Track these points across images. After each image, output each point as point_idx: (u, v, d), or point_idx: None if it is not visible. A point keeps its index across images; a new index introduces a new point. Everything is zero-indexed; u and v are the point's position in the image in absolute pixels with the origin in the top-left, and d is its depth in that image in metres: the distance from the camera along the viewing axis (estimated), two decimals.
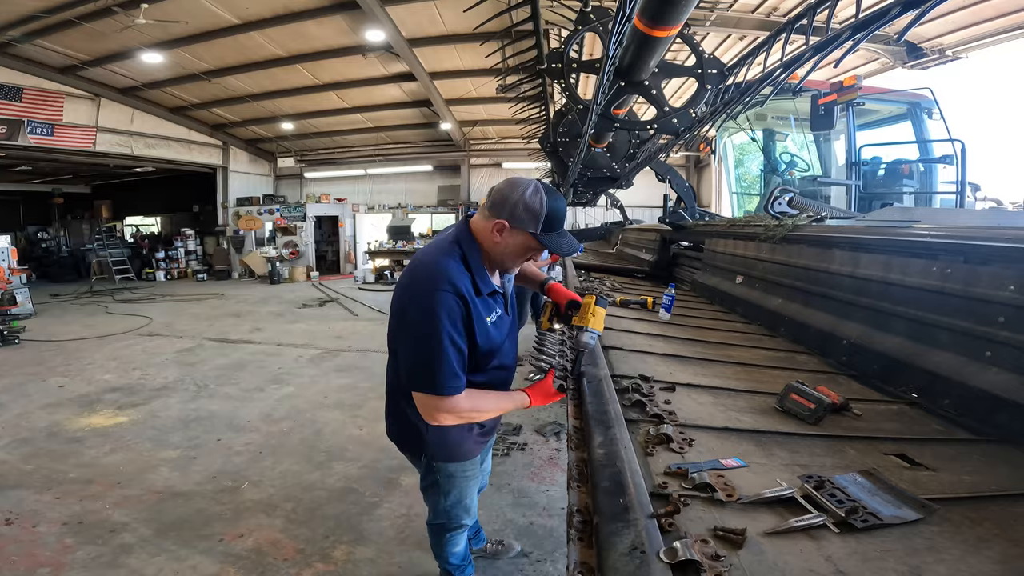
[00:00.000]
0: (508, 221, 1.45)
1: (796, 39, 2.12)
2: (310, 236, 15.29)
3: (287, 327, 8.16)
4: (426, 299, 1.39)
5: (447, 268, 1.42)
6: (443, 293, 1.38)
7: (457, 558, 2.08)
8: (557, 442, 3.79)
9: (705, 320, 2.92)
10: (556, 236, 1.48)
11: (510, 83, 6.02)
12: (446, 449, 1.71)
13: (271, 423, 4.24)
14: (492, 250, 1.50)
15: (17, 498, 3.09)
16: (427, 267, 1.46)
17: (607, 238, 9.19)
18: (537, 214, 1.44)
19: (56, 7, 7.59)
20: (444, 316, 1.37)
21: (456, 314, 1.40)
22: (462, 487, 1.82)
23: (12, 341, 7.06)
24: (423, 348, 1.39)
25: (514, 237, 1.47)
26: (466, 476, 1.81)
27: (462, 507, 1.88)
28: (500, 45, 5.46)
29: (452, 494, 1.82)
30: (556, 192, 1.50)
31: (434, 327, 1.37)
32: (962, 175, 4.63)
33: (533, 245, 1.49)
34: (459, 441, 1.70)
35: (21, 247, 12.81)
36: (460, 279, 1.42)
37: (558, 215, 1.47)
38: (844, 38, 1.74)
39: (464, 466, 1.79)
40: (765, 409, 1.50)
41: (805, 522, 0.87)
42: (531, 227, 1.45)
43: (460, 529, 1.97)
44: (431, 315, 1.37)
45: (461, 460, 1.76)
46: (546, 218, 1.45)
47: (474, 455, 1.79)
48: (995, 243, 1.56)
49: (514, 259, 1.54)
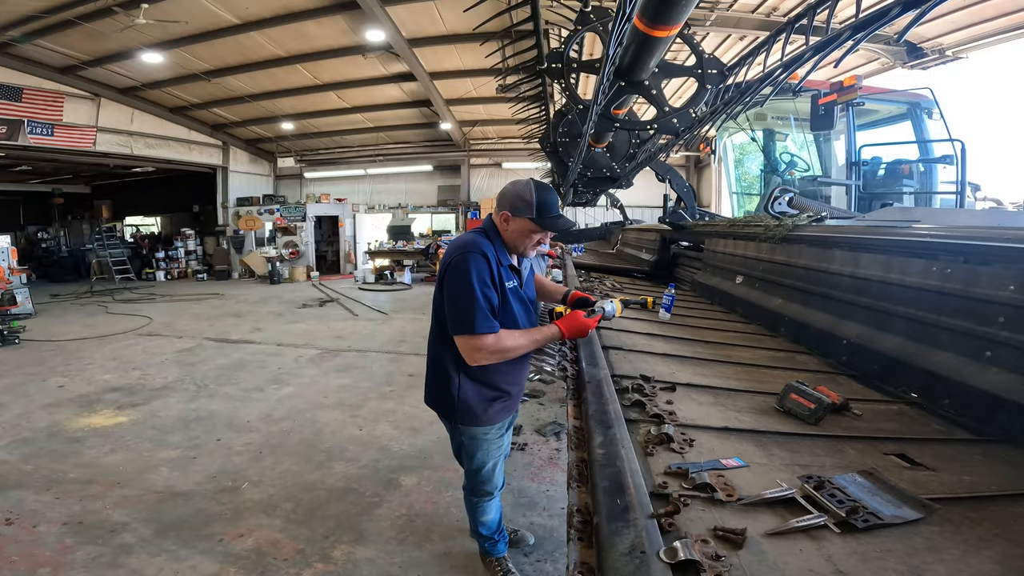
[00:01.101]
0: (509, 211, 1.86)
1: (796, 39, 2.12)
2: (310, 236, 15.28)
3: (287, 327, 8.16)
4: (461, 261, 1.79)
5: (475, 240, 1.85)
6: (473, 255, 1.79)
7: (487, 528, 2.29)
8: (557, 442, 3.79)
9: (705, 320, 2.92)
10: (549, 218, 1.85)
11: (510, 83, 6.01)
12: (470, 414, 1.98)
13: (271, 423, 4.24)
14: (505, 236, 1.90)
15: (17, 498, 3.09)
16: (460, 242, 1.88)
17: (607, 238, 9.19)
18: (530, 203, 1.83)
19: (56, 7, 7.59)
20: (475, 271, 1.76)
21: (484, 270, 1.78)
22: (485, 451, 2.07)
23: (12, 341, 7.06)
24: (461, 297, 1.75)
25: (516, 223, 1.86)
26: (488, 440, 2.06)
27: (485, 473, 2.13)
28: (500, 45, 5.45)
29: (476, 457, 2.08)
30: (546, 186, 1.88)
31: (468, 279, 1.75)
32: (962, 175, 4.63)
33: (533, 227, 1.85)
34: (482, 407, 1.98)
35: (21, 247, 12.82)
36: (487, 248, 1.84)
37: (547, 202, 1.85)
38: (844, 38, 1.74)
39: (486, 431, 2.04)
40: (765, 409, 1.50)
41: (806, 522, 0.87)
42: (527, 213, 1.83)
43: (486, 497, 2.20)
44: (465, 270, 1.77)
45: (483, 425, 2.02)
46: (537, 205, 1.82)
47: (495, 422, 2.05)
48: (995, 243, 1.56)
49: (523, 240, 1.89)
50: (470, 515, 2.32)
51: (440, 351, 1.97)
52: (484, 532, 2.30)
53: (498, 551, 2.36)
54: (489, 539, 2.32)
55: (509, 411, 2.11)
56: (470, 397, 1.96)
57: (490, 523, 2.29)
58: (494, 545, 2.34)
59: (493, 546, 2.34)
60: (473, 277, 1.74)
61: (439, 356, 1.98)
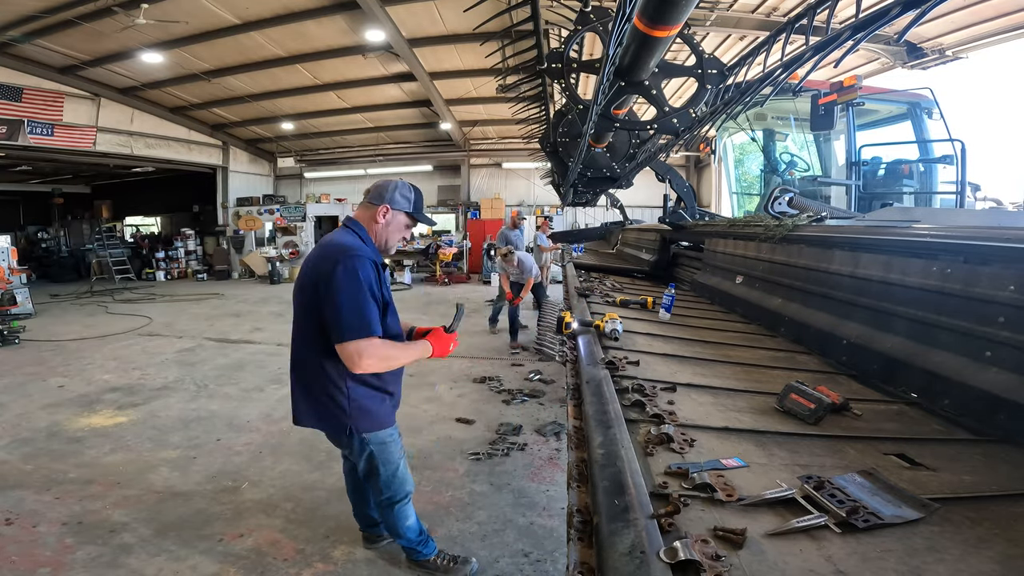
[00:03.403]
0: (389, 205, 2.00)
1: (796, 39, 2.11)
2: (310, 236, 15.28)
3: (287, 327, 8.10)
4: (349, 263, 1.81)
5: (356, 243, 1.91)
6: (363, 259, 1.84)
7: (413, 532, 2.30)
8: (557, 442, 3.79)
9: (705, 320, 2.92)
10: (423, 213, 2.12)
11: (510, 83, 6.00)
12: (368, 417, 1.99)
13: (271, 423, 4.23)
14: (376, 230, 2.02)
15: (17, 498, 3.09)
16: (340, 245, 1.89)
17: (607, 238, 9.19)
18: (409, 198, 2.04)
19: (56, 7, 7.59)
20: (364, 275, 1.81)
21: (372, 275, 1.85)
22: (392, 451, 2.11)
23: (12, 341, 7.06)
24: (352, 300, 1.78)
25: (394, 217, 2.03)
26: (395, 441, 2.12)
27: (400, 473, 2.17)
28: (500, 45, 5.45)
29: (390, 463, 2.11)
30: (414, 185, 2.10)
31: (359, 283, 1.79)
32: (962, 175, 4.63)
33: (408, 222, 2.07)
34: (377, 408, 2.01)
35: (21, 247, 12.80)
36: (368, 251, 1.90)
37: (420, 199, 2.11)
38: (844, 38, 1.74)
39: (390, 432, 2.10)
40: (765, 409, 1.50)
41: (806, 522, 0.87)
42: (406, 207, 2.03)
43: (406, 499, 2.23)
44: (355, 274, 1.80)
45: (384, 428, 2.06)
46: (414, 201, 2.06)
47: (392, 423, 2.12)
48: (995, 243, 1.56)
49: (395, 235, 2.06)
50: (393, 528, 2.28)
51: (319, 362, 1.92)
52: (412, 536, 2.29)
53: (430, 549, 2.36)
54: (420, 541, 2.33)
55: (395, 410, 2.16)
56: (364, 399, 1.96)
57: (414, 524, 2.30)
58: (425, 544, 2.35)
59: (425, 545, 2.35)
60: (364, 280, 1.80)
61: (318, 368, 1.93)
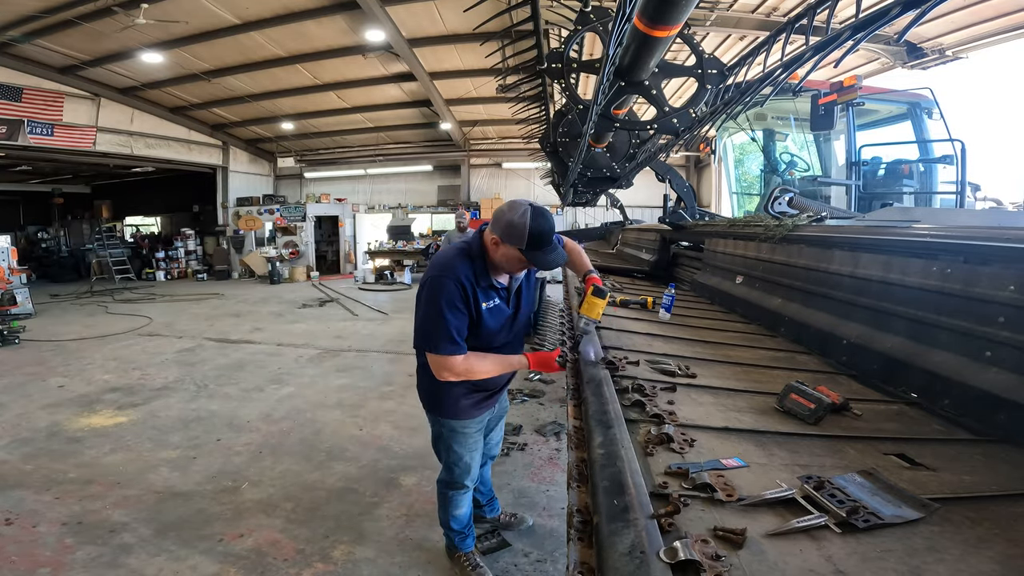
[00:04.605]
0: (500, 237, 1.79)
1: (796, 39, 2.11)
2: (310, 236, 15.29)
3: (287, 327, 8.15)
4: (434, 282, 1.82)
5: (452, 262, 1.84)
6: (445, 279, 1.80)
7: (458, 523, 2.34)
8: (557, 442, 3.79)
9: (705, 320, 2.91)
10: (540, 252, 1.79)
11: (510, 83, 6.00)
12: (442, 407, 2.10)
13: (271, 423, 4.24)
14: (493, 257, 1.86)
15: (17, 498, 3.09)
16: (439, 261, 1.90)
17: (607, 238, 9.18)
18: (522, 235, 1.74)
19: (56, 7, 7.59)
20: (443, 295, 1.78)
21: (455, 295, 1.79)
22: (461, 443, 2.16)
23: (12, 341, 7.06)
24: (429, 318, 1.81)
25: (505, 250, 1.81)
26: (465, 433, 2.15)
27: (462, 465, 2.20)
28: (500, 45, 5.45)
29: (453, 449, 2.16)
30: (545, 214, 1.79)
31: (435, 302, 1.78)
32: (962, 175, 4.63)
33: (521, 258, 1.80)
34: (452, 401, 2.07)
35: (21, 247, 12.80)
36: (462, 270, 1.82)
37: (542, 235, 1.76)
38: (844, 38, 1.74)
39: (463, 424, 2.13)
40: (765, 409, 1.50)
41: (806, 522, 0.87)
42: (518, 244, 1.76)
43: (461, 490, 2.26)
44: (434, 293, 1.80)
45: (457, 418, 2.11)
46: (530, 237, 1.74)
47: (470, 416, 2.12)
48: (995, 243, 1.56)
49: (510, 266, 1.87)
50: (442, 508, 2.36)
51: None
52: (455, 526, 2.35)
53: (466, 546, 2.41)
54: (460, 533, 2.37)
55: (487, 407, 2.19)
56: (449, 391, 2.03)
57: (462, 517, 2.34)
58: (463, 540, 2.40)
59: (463, 540, 2.40)
60: (441, 300, 1.77)
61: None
